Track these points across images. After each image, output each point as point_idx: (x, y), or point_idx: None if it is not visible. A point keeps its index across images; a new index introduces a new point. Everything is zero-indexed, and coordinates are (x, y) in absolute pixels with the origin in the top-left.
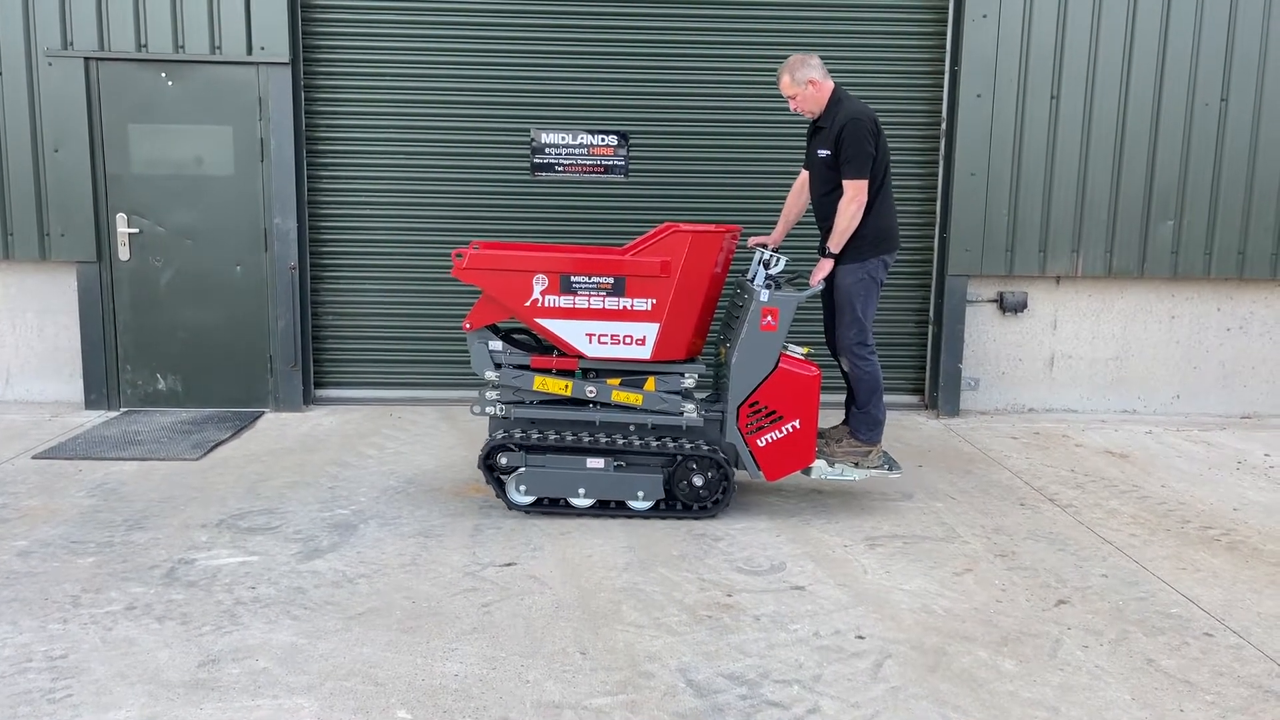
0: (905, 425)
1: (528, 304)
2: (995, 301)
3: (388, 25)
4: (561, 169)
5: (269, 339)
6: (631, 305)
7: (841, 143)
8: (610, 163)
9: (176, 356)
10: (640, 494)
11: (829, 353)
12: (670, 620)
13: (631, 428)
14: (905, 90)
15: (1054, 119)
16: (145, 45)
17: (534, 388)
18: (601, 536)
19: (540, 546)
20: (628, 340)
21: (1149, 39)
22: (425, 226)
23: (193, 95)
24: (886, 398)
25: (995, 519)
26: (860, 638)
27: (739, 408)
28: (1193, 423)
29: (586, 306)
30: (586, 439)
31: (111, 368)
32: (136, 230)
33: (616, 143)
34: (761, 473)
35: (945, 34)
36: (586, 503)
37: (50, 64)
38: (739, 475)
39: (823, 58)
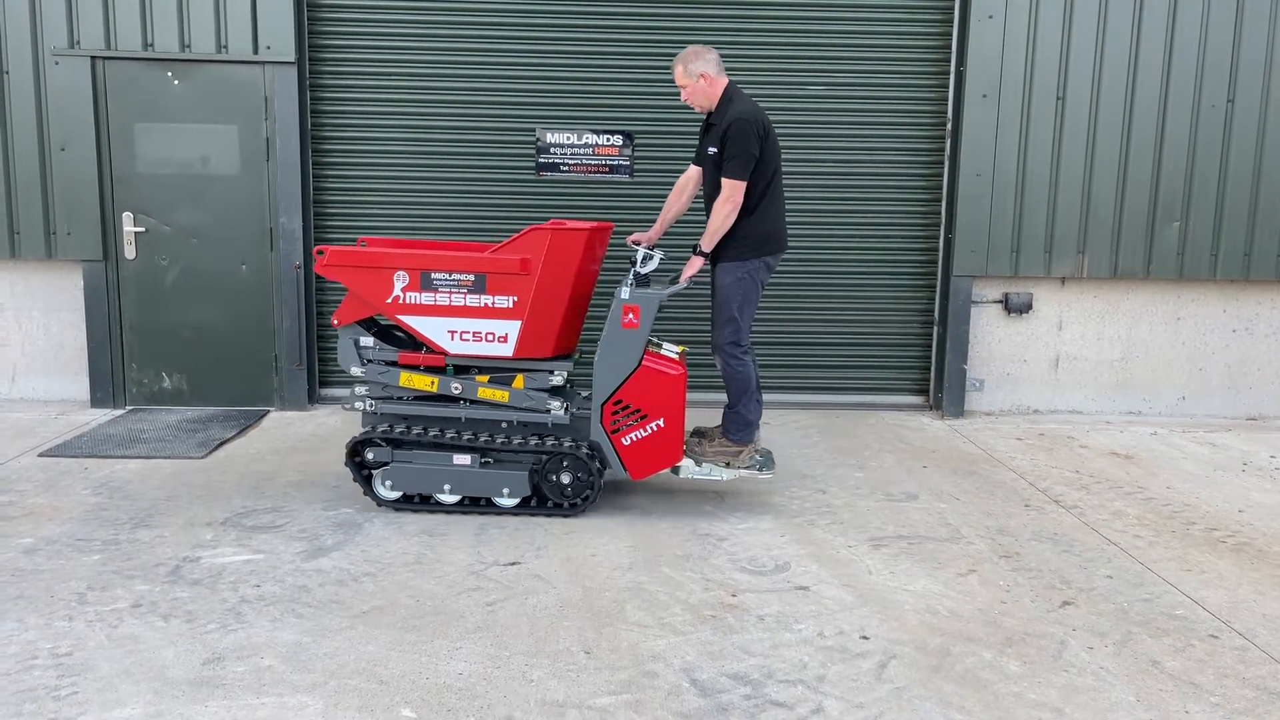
0: (910, 426)
1: (389, 300)
2: (1000, 302)
3: (393, 25)
4: (566, 169)
5: (274, 338)
6: (493, 303)
7: (726, 141)
8: (615, 163)
9: (182, 355)
10: (505, 491)
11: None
12: (674, 620)
13: (504, 425)
14: (911, 91)
15: (1060, 120)
16: (151, 44)
17: (400, 384)
18: (606, 536)
19: (544, 546)
20: (490, 337)
21: (1155, 40)
22: (430, 226)
23: (199, 94)
24: (892, 398)
25: (1000, 520)
26: (864, 638)
27: (603, 406)
28: (1198, 424)
29: (448, 303)
30: (453, 436)
31: (117, 366)
32: (142, 229)
33: (622, 143)
34: (627, 471)
35: (951, 34)
36: (452, 499)
37: (57, 63)
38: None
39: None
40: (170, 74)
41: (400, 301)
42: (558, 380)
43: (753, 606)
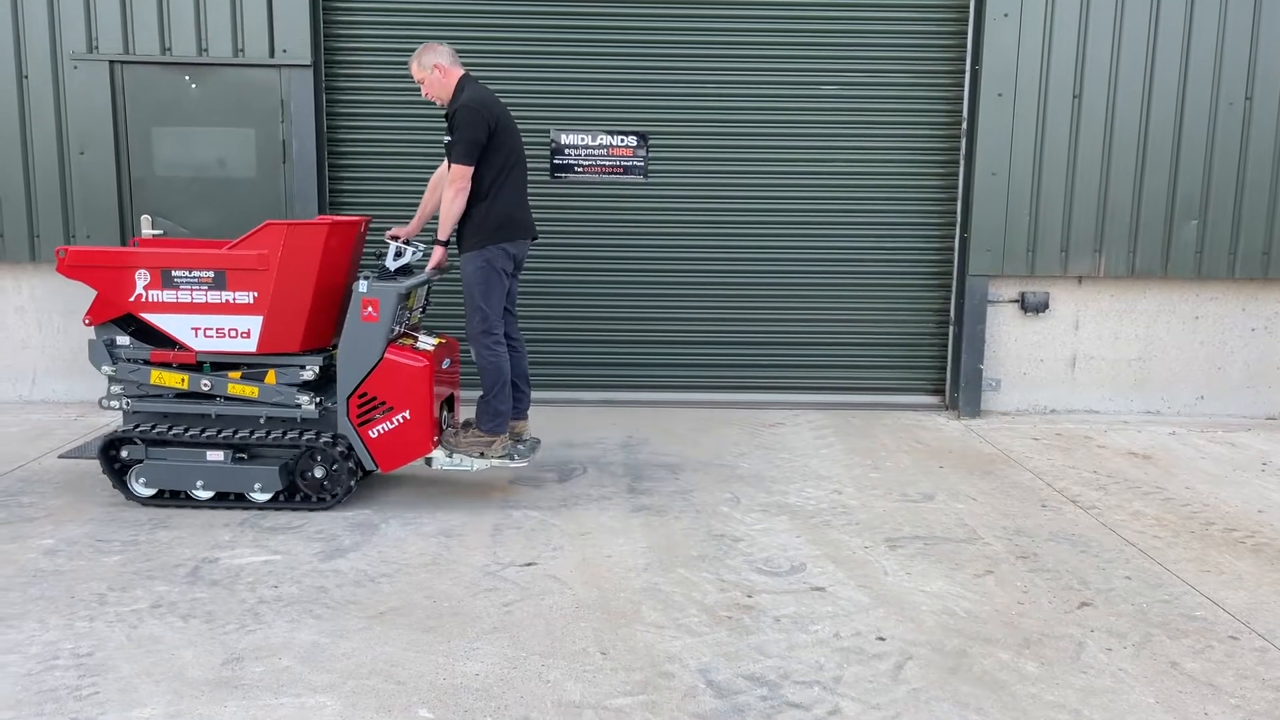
0: (926, 426)
1: (132, 299)
2: (1017, 302)
3: (408, 27)
4: (581, 170)
5: None
6: (234, 299)
7: (453, 127)
8: (630, 163)
9: None
10: (258, 486)
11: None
12: (690, 621)
13: (261, 420)
14: (926, 89)
15: (1076, 118)
16: (169, 48)
17: (151, 381)
18: (621, 537)
19: (560, 547)
20: (233, 333)
21: (1172, 37)
22: None
23: (216, 98)
24: (907, 398)
25: (1017, 520)
26: (881, 639)
27: (348, 399)
28: (1217, 424)
29: (190, 300)
30: (207, 433)
31: None
32: (160, 232)
33: (636, 143)
34: (376, 464)
35: (966, 33)
36: (206, 495)
37: (75, 67)
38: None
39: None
40: (188, 78)
41: (143, 300)
42: (309, 375)
43: (769, 607)
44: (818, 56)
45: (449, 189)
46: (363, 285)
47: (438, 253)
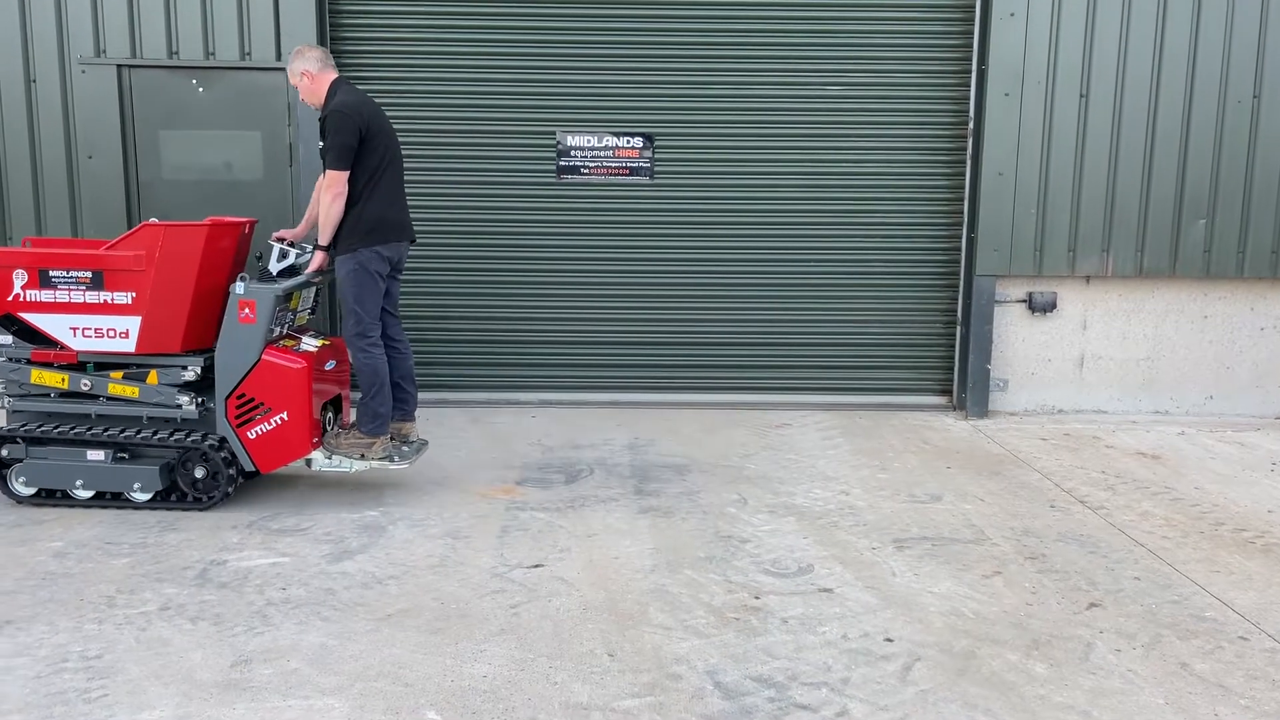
0: (933, 426)
1: (10, 298)
2: (1024, 302)
3: (414, 30)
4: (587, 171)
5: None
6: (112, 299)
7: (324, 132)
8: (636, 165)
9: None
10: (137, 486)
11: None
12: (698, 622)
13: (144, 420)
14: (932, 89)
15: (1083, 117)
16: (176, 52)
17: (32, 381)
18: (628, 538)
19: (567, 548)
20: (111, 333)
21: (1179, 36)
22: (451, 230)
23: (223, 101)
24: (914, 399)
25: (1025, 521)
26: (889, 640)
27: (227, 399)
28: (1226, 424)
29: (68, 300)
30: (89, 432)
31: None
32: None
33: (642, 145)
34: (255, 464)
35: (973, 32)
36: (86, 494)
37: (83, 71)
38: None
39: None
40: (195, 81)
41: (21, 299)
42: (190, 375)
43: (776, 609)
44: (824, 57)
45: (325, 194)
46: (239, 287)
47: (318, 257)
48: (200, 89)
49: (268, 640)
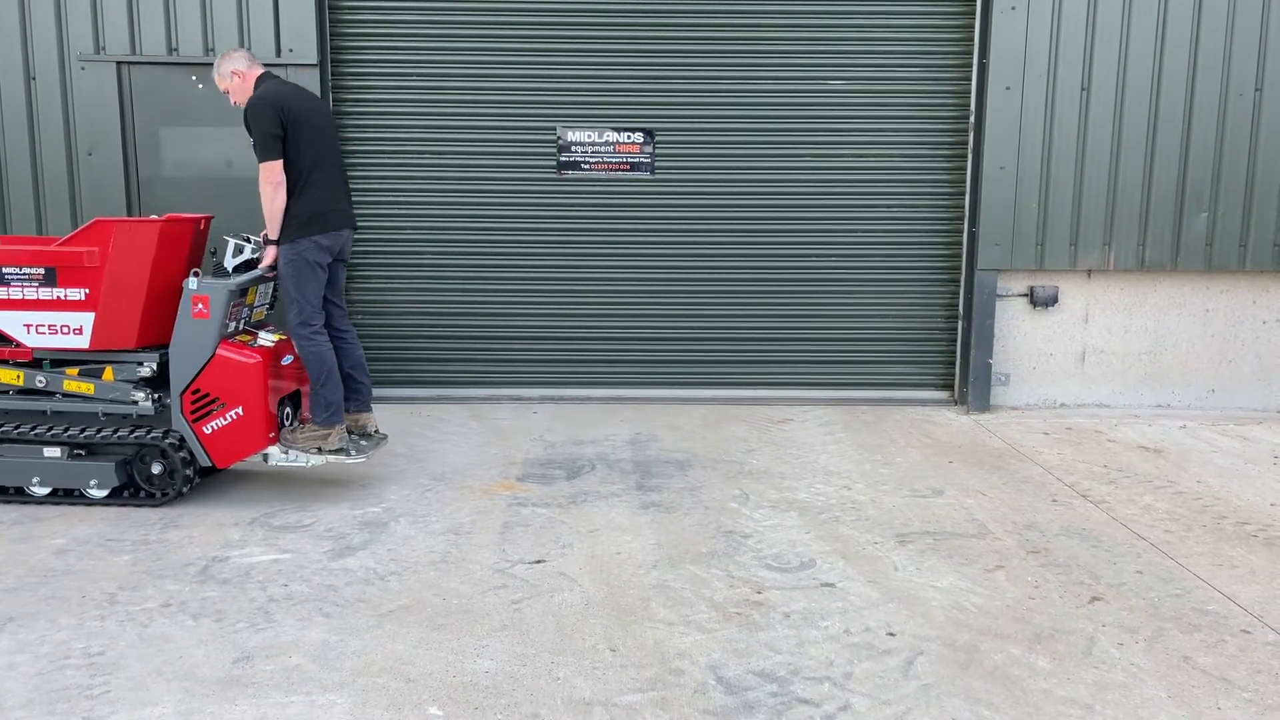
0: (935, 421)
1: None
2: (1026, 296)
3: (414, 26)
4: (587, 166)
5: None
6: (65, 295)
7: (248, 127)
8: (636, 160)
9: None
10: (94, 483)
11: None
12: (700, 617)
13: (102, 416)
14: (934, 83)
15: (1084, 111)
16: (176, 49)
17: None
18: (630, 534)
19: (569, 544)
20: (65, 330)
21: (1181, 29)
22: (452, 225)
23: (223, 98)
24: (916, 393)
25: (1027, 515)
26: (891, 635)
27: (182, 395)
28: (1228, 417)
29: (21, 297)
30: (46, 430)
31: None
32: None
33: (643, 140)
34: (211, 459)
35: (974, 26)
36: (43, 491)
37: (83, 68)
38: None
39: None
40: (194, 78)
41: None
42: (146, 371)
43: (778, 604)
44: (824, 51)
45: (263, 188)
46: (192, 282)
47: (270, 251)
48: (200, 86)
49: (270, 637)
